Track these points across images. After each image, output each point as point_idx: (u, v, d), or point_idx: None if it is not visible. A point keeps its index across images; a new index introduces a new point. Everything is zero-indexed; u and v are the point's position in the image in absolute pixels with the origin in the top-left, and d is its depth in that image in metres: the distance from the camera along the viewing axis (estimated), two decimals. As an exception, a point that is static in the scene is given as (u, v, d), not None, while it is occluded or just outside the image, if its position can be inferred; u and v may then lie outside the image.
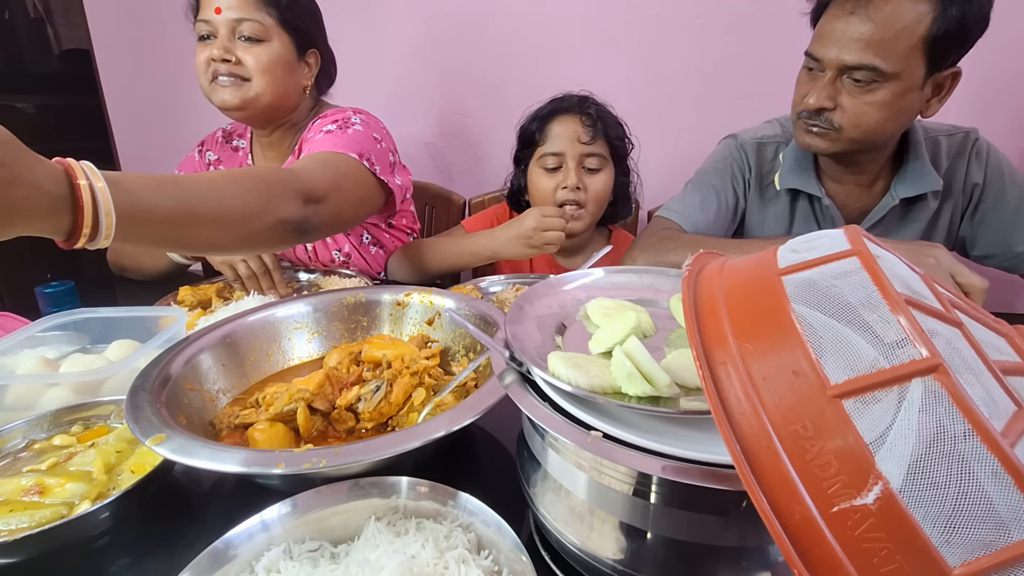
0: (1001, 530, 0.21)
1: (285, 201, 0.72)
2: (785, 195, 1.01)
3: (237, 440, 0.57)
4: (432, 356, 0.67)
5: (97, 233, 0.51)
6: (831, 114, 0.85)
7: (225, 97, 0.97)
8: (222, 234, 0.65)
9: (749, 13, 1.35)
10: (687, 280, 0.33)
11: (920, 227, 0.97)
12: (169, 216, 0.58)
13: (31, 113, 2.02)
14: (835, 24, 0.81)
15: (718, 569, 0.35)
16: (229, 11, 0.94)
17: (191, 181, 0.62)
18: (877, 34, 0.78)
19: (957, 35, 0.78)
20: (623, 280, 0.54)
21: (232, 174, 0.69)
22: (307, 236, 0.77)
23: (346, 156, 0.92)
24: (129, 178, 0.55)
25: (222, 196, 0.64)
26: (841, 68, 0.82)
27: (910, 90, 0.82)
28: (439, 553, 0.39)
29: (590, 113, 1.07)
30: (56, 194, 0.49)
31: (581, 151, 1.07)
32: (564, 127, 1.07)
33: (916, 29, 0.77)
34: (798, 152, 0.98)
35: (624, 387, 0.36)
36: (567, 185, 1.07)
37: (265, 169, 0.77)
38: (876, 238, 0.31)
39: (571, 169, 1.07)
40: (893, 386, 0.23)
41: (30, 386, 0.63)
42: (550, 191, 1.09)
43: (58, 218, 0.50)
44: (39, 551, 0.44)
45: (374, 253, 1.20)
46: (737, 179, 1.05)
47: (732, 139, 1.07)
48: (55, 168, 0.50)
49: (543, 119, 1.09)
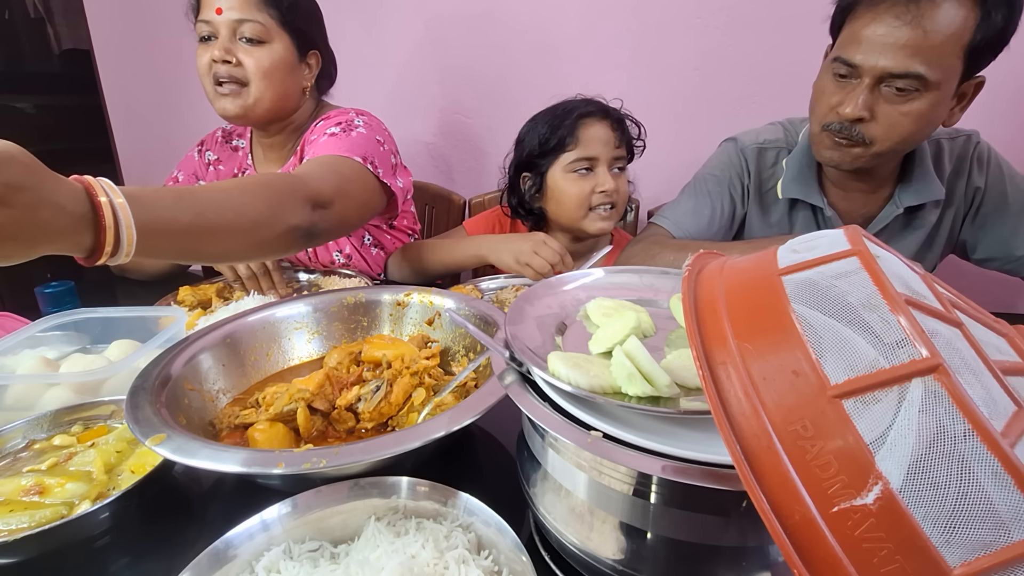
0: (1001, 530, 0.21)
1: (294, 208, 0.73)
2: (786, 203, 1.00)
3: (237, 440, 0.57)
4: (432, 356, 0.67)
5: (118, 249, 0.52)
6: (865, 126, 0.80)
7: (226, 106, 0.98)
8: (236, 244, 0.66)
9: (749, 13, 1.35)
10: (687, 280, 0.33)
11: (923, 234, 0.96)
12: (186, 229, 0.58)
13: (31, 113, 2.02)
14: (876, 29, 0.76)
15: (718, 569, 0.35)
16: (230, 12, 0.94)
17: (205, 193, 0.63)
18: (926, 41, 0.73)
19: (995, 42, 0.75)
20: (623, 280, 0.54)
21: (242, 183, 0.70)
22: (314, 241, 0.78)
23: (351, 160, 0.92)
24: (146, 192, 0.56)
25: (235, 206, 0.65)
26: (882, 76, 0.77)
27: (944, 100, 0.79)
28: (439, 553, 0.39)
29: (618, 118, 1.09)
30: (78, 213, 0.49)
31: (613, 154, 1.08)
32: (596, 131, 1.07)
33: (962, 36, 0.74)
34: (803, 160, 0.95)
35: (624, 387, 0.36)
36: (605, 189, 1.07)
37: (273, 176, 0.77)
38: (874, 238, 0.31)
39: (605, 174, 1.08)
40: (893, 386, 0.23)
41: (30, 386, 0.63)
42: (584, 195, 1.08)
43: (80, 236, 0.50)
44: (39, 551, 0.44)
45: (375, 254, 1.20)
46: (735, 185, 1.03)
47: (732, 143, 1.05)
48: (75, 187, 0.50)
49: (572, 124, 1.07)
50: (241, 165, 1.20)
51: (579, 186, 1.08)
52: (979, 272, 1.05)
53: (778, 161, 1.01)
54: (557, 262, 0.95)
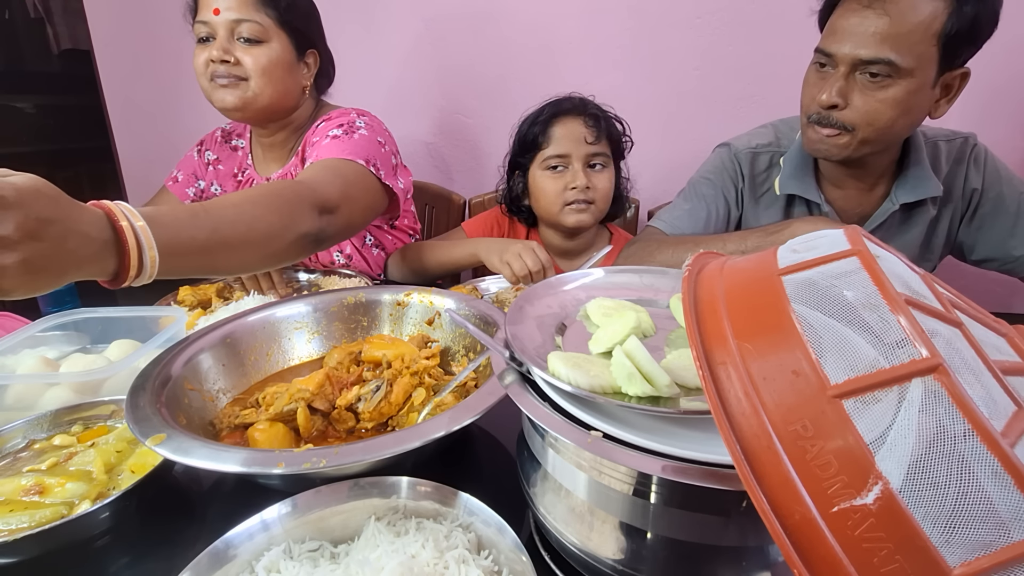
0: (1001, 530, 0.21)
1: (303, 216, 0.74)
2: (783, 199, 1.01)
3: (237, 440, 0.57)
4: (432, 356, 0.67)
5: (142, 271, 0.53)
6: (842, 113, 0.83)
7: (224, 97, 0.98)
8: (250, 256, 0.67)
9: (749, 13, 1.35)
10: (687, 280, 0.33)
11: (920, 232, 0.97)
12: (204, 246, 0.60)
13: (31, 113, 2.02)
14: (849, 19, 0.80)
15: (718, 569, 0.35)
16: (228, 12, 0.94)
17: (218, 209, 0.64)
18: (893, 28, 0.76)
19: (970, 33, 0.77)
20: (623, 280, 0.54)
21: (251, 196, 0.71)
22: (322, 246, 0.80)
23: (354, 164, 0.93)
24: (163, 213, 0.57)
25: (248, 220, 0.66)
26: (855, 63, 0.80)
27: (922, 88, 0.81)
28: (439, 553, 0.39)
29: (594, 114, 1.09)
30: (102, 239, 0.50)
31: (587, 151, 1.08)
32: (568, 128, 1.08)
33: (931, 25, 0.76)
34: (799, 157, 0.97)
35: (624, 387, 0.36)
36: (576, 185, 1.08)
37: (280, 185, 0.78)
38: (874, 238, 0.31)
39: (578, 170, 1.08)
40: (893, 386, 0.23)
41: (30, 386, 0.63)
42: (557, 192, 1.10)
43: (105, 262, 0.51)
44: (39, 551, 0.44)
45: (375, 255, 1.20)
46: (729, 189, 1.04)
47: (726, 148, 1.06)
48: (96, 213, 0.51)
49: (545, 122, 1.10)
50: (241, 165, 1.19)
51: (553, 183, 1.10)
52: (979, 272, 1.05)
53: (772, 164, 1.02)
54: (537, 270, 0.95)
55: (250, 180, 1.17)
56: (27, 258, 0.44)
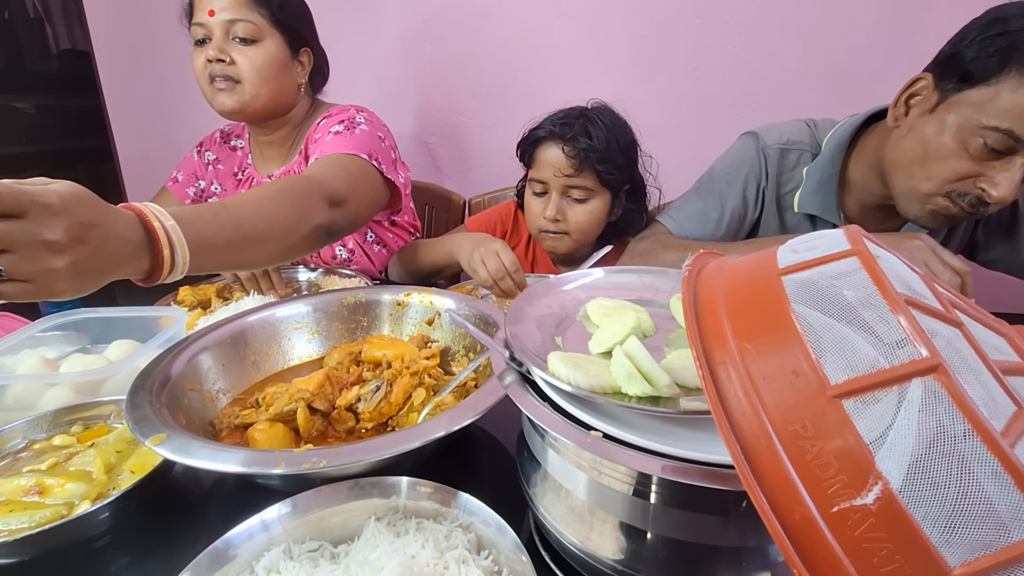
0: (1001, 530, 0.21)
1: (315, 209, 0.76)
2: (803, 215, 0.95)
3: (237, 440, 0.57)
4: (432, 356, 0.67)
5: (174, 269, 0.56)
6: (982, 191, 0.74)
7: (224, 101, 1.00)
8: (270, 250, 0.70)
9: (749, 13, 1.35)
10: (687, 280, 0.33)
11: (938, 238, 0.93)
12: (228, 242, 0.62)
13: (31, 113, 2.02)
14: None
15: (718, 569, 0.35)
16: (222, 12, 0.96)
17: (238, 205, 0.66)
18: None
19: None
20: (623, 280, 0.54)
21: (266, 192, 0.72)
22: (333, 238, 0.82)
23: (358, 158, 0.94)
24: (188, 212, 0.59)
25: (266, 215, 0.68)
26: None
27: None
28: (439, 553, 0.39)
29: (576, 144, 0.98)
30: (137, 240, 0.53)
31: (563, 183, 1.01)
32: (548, 155, 1.02)
33: None
34: (823, 174, 0.91)
35: (624, 387, 0.36)
36: (547, 215, 1.04)
37: (291, 180, 0.80)
38: (874, 238, 0.31)
39: (552, 200, 1.03)
40: (893, 386, 0.23)
41: (30, 386, 0.63)
42: (535, 216, 1.07)
43: (140, 261, 0.54)
44: (39, 551, 0.44)
45: (377, 251, 1.20)
46: (750, 186, 0.97)
47: (753, 139, 0.97)
48: (129, 215, 0.53)
49: (532, 143, 1.04)
50: (240, 164, 1.20)
51: (536, 204, 1.07)
52: (979, 272, 1.05)
53: (800, 164, 0.95)
54: (501, 277, 0.87)
55: (250, 179, 1.18)
56: (75, 261, 0.47)
